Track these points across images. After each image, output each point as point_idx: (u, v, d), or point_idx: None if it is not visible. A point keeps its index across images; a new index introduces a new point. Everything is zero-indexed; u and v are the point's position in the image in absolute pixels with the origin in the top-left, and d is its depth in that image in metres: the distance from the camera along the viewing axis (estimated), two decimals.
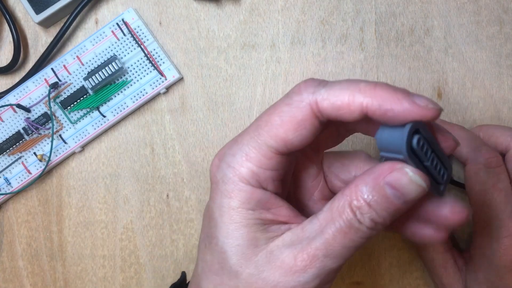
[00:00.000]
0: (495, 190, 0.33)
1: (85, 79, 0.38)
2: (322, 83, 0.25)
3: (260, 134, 0.25)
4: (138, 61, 0.39)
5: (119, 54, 0.39)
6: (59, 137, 0.39)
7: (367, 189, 0.24)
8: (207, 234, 0.27)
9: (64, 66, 0.39)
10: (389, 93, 0.23)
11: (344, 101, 0.24)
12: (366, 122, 0.25)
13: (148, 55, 0.39)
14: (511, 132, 0.35)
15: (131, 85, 0.39)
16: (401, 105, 0.22)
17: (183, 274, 0.39)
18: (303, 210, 0.29)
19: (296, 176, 0.29)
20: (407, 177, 0.23)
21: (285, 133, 0.25)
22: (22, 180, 0.39)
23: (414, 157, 0.23)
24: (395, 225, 0.27)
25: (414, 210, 0.25)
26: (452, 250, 0.36)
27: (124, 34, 0.39)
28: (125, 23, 0.39)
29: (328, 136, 0.28)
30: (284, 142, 0.25)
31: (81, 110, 0.39)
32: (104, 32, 0.39)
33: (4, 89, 0.39)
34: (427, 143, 0.24)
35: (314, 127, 0.25)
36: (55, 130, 0.39)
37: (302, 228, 0.25)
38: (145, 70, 0.39)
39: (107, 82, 0.38)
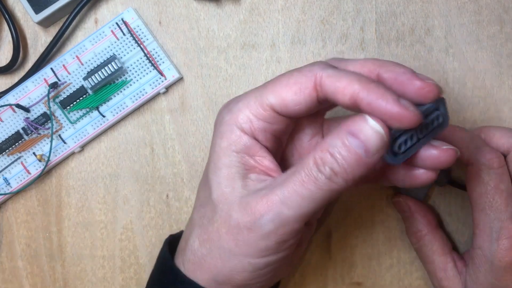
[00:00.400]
0: (497, 191, 0.32)
1: (85, 79, 0.38)
2: (335, 63, 0.28)
3: (265, 88, 0.28)
4: (137, 60, 0.39)
5: (119, 54, 0.39)
6: (58, 137, 0.39)
7: (331, 141, 0.25)
8: (204, 171, 0.30)
9: (63, 65, 0.39)
10: (381, 93, 0.25)
11: (341, 84, 0.25)
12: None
13: (148, 55, 0.39)
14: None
15: (131, 85, 0.39)
16: (385, 107, 0.24)
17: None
18: None
19: (292, 134, 0.31)
20: (367, 124, 0.24)
21: (285, 93, 0.27)
22: (21, 180, 0.39)
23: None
24: (380, 174, 0.29)
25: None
26: (451, 252, 0.36)
27: (124, 34, 0.39)
28: (125, 23, 0.39)
29: (329, 106, 0.30)
30: (282, 101, 0.27)
31: (81, 110, 0.39)
32: (103, 32, 0.39)
33: (4, 89, 0.39)
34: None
35: (311, 98, 0.27)
36: (54, 130, 0.39)
37: (273, 180, 0.27)
38: (144, 70, 0.39)
39: (106, 82, 0.38)
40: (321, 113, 0.31)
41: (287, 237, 0.27)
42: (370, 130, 0.24)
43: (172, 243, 0.33)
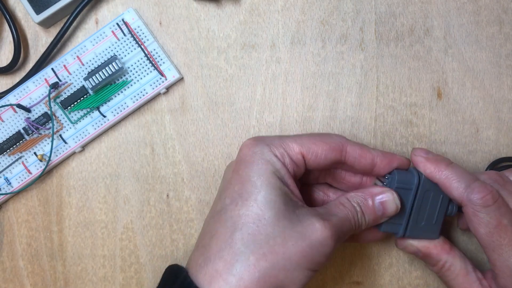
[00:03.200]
0: (501, 228, 0.31)
1: (86, 79, 0.38)
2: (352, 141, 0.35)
3: (300, 137, 0.33)
4: (138, 61, 0.39)
5: (119, 54, 0.39)
6: (59, 137, 0.39)
7: (362, 199, 0.33)
8: (240, 194, 0.31)
9: (64, 66, 0.39)
10: (391, 158, 0.34)
11: (363, 152, 0.33)
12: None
13: (148, 55, 0.39)
14: (494, 173, 0.34)
15: (131, 85, 0.39)
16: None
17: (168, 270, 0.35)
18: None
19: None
20: (392, 197, 0.33)
21: (318, 147, 0.33)
22: (22, 180, 0.39)
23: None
24: (359, 237, 0.36)
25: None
26: (475, 271, 0.34)
27: (124, 34, 0.39)
28: (125, 23, 0.39)
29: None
30: (314, 152, 0.32)
31: (81, 110, 0.39)
32: (104, 32, 0.39)
33: (5, 89, 0.39)
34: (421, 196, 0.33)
35: (335, 157, 0.33)
36: (55, 130, 0.39)
37: (324, 208, 0.32)
38: (145, 70, 0.39)
39: (107, 82, 0.38)
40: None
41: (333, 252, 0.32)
42: (391, 204, 0.33)
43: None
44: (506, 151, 0.39)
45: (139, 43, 0.39)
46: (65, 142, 0.39)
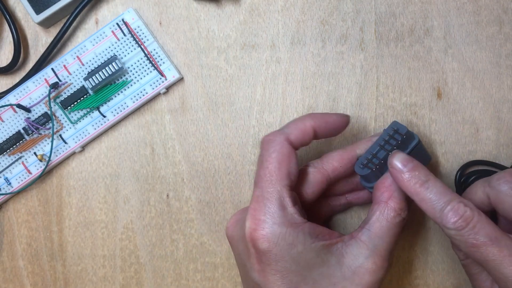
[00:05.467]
0: (478, 249, 0.29)
1: (85, 79, 0.38)
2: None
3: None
4: (138, 61, 0.39)
5: (119, 54, 0.39)
6: (59, 137, 0.39)
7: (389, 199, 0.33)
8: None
9: (64, 66, 0.39)
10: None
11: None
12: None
13: (148, 55, 0.39)
14: (482, 182, 0.33)
15: (131, 85, 0.39)
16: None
17: None
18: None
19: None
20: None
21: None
22: (22, 180, 0.39)
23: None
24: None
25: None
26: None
27: (124, 34, 0.39)
28: (125, 23, 0.39)
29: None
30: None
31: (81, 110, 0.39)
32: (104, 32, 0.39)
33: (4, 89, 0.39)
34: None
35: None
36: (55, 130, 0.39)
37: (361, 242, 0.32)
38: (145, 70, 0.39)
39: (107, 82, 0.38)
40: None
41: None
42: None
43: None
44: (506, 151, 0.39)
45: (139, 43, 0.39)
46: (65, 142, 0.39)
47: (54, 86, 0.38)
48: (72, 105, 0.39)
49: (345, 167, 0.34)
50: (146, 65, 0.39)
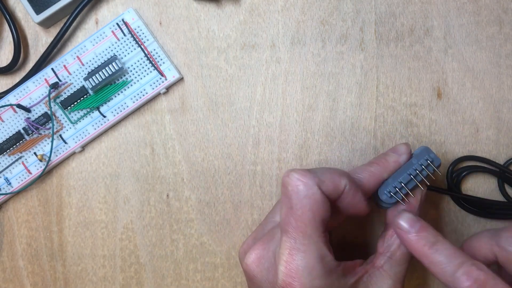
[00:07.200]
0: None
1: (85, 79, 0.38)
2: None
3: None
4: (138, 61, 0.39)
5: (119, 54, 0.39)
6: (59, 137, 0.39)
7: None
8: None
9: (64, 66, 0.39)
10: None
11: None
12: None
13: (148, 55, 0.39)
14: (488, 239, 0.33)
15: (131, 85, 0.39)
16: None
17: None
18: None
19: None
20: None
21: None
22: (22, 180, 0.39)
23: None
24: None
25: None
26: None
27: (124, 34, 0.39)
28: (125, 23, 0.39)
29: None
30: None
31: (81, 110, 0.39)
32: (104, 32, 0.39)
33: (4, 89, 0.39)
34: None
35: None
36: (55, 130, 0.39)
37: (384, 272, 0.33)
38: (145, 70, 0.39)
39: (107, 82, 0.38)
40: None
41: None
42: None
43: None
44: (506, 151, 0.39)
45: (139, 43, 0.39)
46: (65, 142, 0.39)
47: (54, 86, 0.38)
48: (72, 105, 0.39)
49: (370, 191, 0.33)
50: (146, 65, 0.39)
